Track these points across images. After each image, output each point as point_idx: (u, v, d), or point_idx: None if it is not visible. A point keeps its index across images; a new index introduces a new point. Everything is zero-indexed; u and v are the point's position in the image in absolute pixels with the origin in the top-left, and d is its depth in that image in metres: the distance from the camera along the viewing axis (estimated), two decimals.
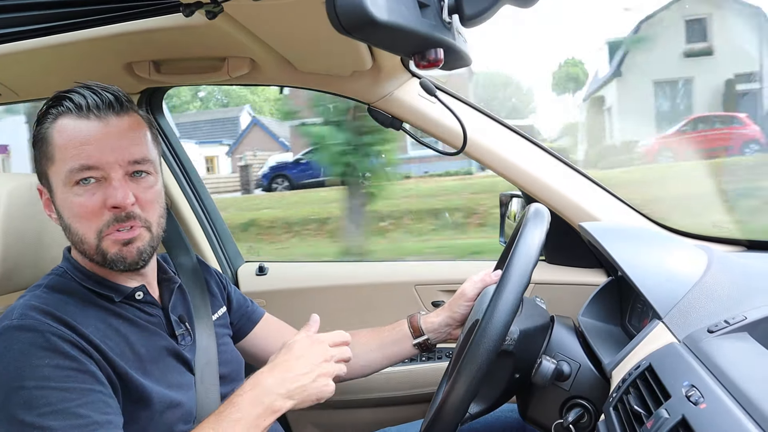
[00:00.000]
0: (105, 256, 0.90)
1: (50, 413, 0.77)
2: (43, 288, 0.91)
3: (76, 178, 0.88)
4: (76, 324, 0.85)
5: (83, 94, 0.90)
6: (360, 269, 1.73)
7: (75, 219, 0.89)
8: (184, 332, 1.00)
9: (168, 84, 1.32)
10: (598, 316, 1.16)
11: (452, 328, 1.20)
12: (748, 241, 1.33)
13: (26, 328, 0.83)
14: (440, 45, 0.70)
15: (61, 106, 0.90)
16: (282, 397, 0.88)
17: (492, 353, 0.83)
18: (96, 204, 0.88)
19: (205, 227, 1.69)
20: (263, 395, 0.87)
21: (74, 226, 0.90)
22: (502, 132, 1.40)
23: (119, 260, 0.90)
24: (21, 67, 1.20)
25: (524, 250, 0.89)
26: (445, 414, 0.86)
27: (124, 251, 0.90)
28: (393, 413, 1.56)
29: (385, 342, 1.23)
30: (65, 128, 0.89)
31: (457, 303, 1.18)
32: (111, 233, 0.89)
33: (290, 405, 0.89)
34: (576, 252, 1.45)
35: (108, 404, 0.82)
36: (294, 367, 0.91)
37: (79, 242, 0.90)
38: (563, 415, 0.96)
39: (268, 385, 0.88)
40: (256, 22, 1.00)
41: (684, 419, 0.62)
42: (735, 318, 0.76)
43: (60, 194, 0.90)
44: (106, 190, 0.88)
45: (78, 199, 0.88)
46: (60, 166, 0.88)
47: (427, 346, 1.21)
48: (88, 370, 0.83)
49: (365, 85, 1.31)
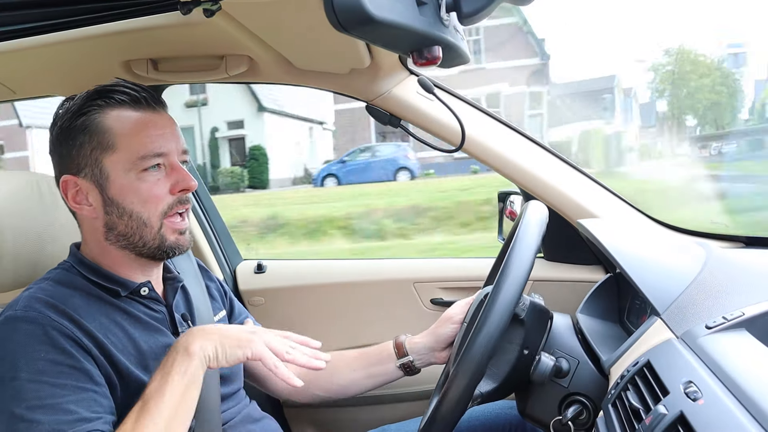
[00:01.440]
0: (163, 241, 0.94)
1: (39, 407, 0.78)
2: (49, 281, 0.92)
3: (146, 165, 0.92)
4: (79, 318, 0.86)
5: (133, 87, 0.94)
6: (359, 266, 1.73)
7: (141, 203, 0.92)
8: (186, 330, 1.00)
9: (166, 82, 1.32)
10: (597, 313, 1.16)
11: (436, 351, 1.16)
12: (746, 237, 1.33)
13: (28, 320, 0.83)
14: (438, 42, 0.70)
15: (110, 99, 0.93)
16: (195, 338, 0.85)
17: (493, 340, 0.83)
18: (164, 188, 0.93)
19: (203, 226, 1.69)
20: (176, 345, 0.86)
21: (138, 210, 0.92)
22: (501, 129, 1.40)
23: (176, 248, 0.96)
24: (18, 65, 1.19)
25: (523, 246, 0.89)
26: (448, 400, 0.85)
27: (181, 240, 0.96)
28: (393, 411, 1.56)
29: (370, 362, 1.20)
30: (126, 118, 0.93)
31: (443, 325, 1.16)
32: (172, 216, 0.95)
33: (206, 350, 0.84)
34: (574, 249, 1.45)
35: (99, 403, 0.82)
36: (234, 328, 0.92)
37: (141, 226, 0.93)
38: (562, 412, 0.96)
39: (182, 337, 0.87)
40: (254, 19, 1.00)
41: (682, 415, 0.63)
42: (733, 314, 0.76)
43: (121, 181, 0.92)
44: (173, 175, 0.94)
45: (145, 185, 0.92)
46: (125, 154, 0.91)
47: (411, 368, 1.17)
48: (83, 368, 0.83)
49: (363, 83, 1.31)
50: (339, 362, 1.20)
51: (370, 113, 1.37)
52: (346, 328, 1.66)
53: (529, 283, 1.47)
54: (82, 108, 0.93)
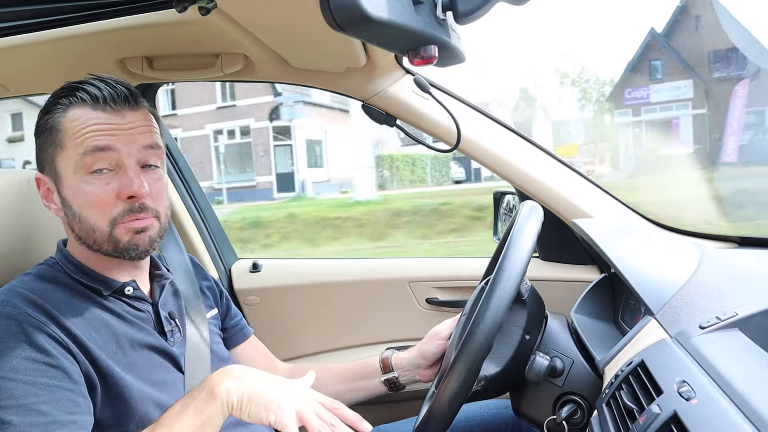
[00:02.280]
0: (117, 244, 0.90)
1: (12, 407, 0.76)
2: (31, 276, 0.91)
3: (89, 163, 0.87)
4: (58, 315, 0.84)
5: (98, 86, 0.90)
6: (354, 266, 1.73)
7: (87, 207, 0.89)
8: (173, 329, 0.99)
9: (161, 80, 1.32)
10: (591, 313, 1.16)
11: (422, 368, 1.14)
12: (740, 237, 1.33)
13: (4, 316, 0.81)
14: (434, 42, 0.70)
15: (73, 97, 0.90)
16: (225, 380, 0.79)
17: (489, 338, 0.82)
18: (110, 193, 0.88)
19: (198, 225, 1.69)
20: (204, 383, 0.80)
21: (85, 215, 0.89)
22: (496, 129, 1.41)
23: (132, 248, 0.91)
24: (12, 62, 1.19)
25: (518, 245, 0.89)
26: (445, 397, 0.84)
27: (137, 239, 0.91)
28: (389, 411, 1.56)
29: (356, 376, 1.18)
30: (79, 117, 0.89)
31: (430, 341, 1.14)
32: (124, 222, 0.89)
33: (234, 392, 0.79)
34: (569, 249, 1.45)
35: (76, 403, 0.80)
36: (273, 383, 0.81)
37: (90, 231, 0.90)
38: (556, 411, 0.96)
39: (213, 376, 0.81)
40: (250, 18, 1.00)
41: (676, 414, 0.63)
42: (726, 314, 0.77)
43: (70, 182, 0.89)
44: (120, 180, 0.89)
45: (91, 188, 0.88)
46: (71, 152, 0.88)
47: (395, 384, 1.15)
48: (60, 366, 0.81)
49: (359, 82, 1.31)
50: (325, 375, 1.18)
51: (366, 112, 1.37)
52: (341, 327, 1.66)
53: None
54: (50, 106, 0.92)
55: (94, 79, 0.92)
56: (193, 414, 0.79)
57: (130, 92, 0.93)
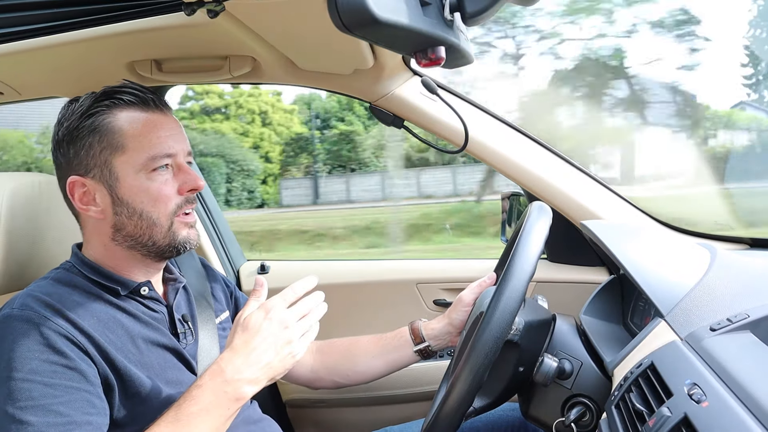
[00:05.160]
0: (175, 237, 0.96)
1: (31, 407, 0.78)
2: (48, 280, 0.92)
3: (155, 165, 0.93)
4: (75, 317, 0.86)
5: (140, 89, 0.96)
6: (362, 267, 1.73)
7: (151, 203, 0.93)
8: (186, 331, 1.01)
9: (170, 83, 1.32)
10: (600, 315, 1.16)
11: (452, 335, 1.19)
12: (751, 239, 1.32)
13: (23, 319, 0.83)
14: (442, 43, 0.70)
15: (117, 100, 0.94)
16: (246, 382, 0.84)
17: (498, 342, 0.83)
18: (173, 188, 0.95)
19: (207, 227, 1.70)
20: (225, 384, 0.83)
21: (147, 210, 0.93)
22: (504, 130, 1.40)
23: (187, 242, 0.97)
24: (24, 66, 1.20)
25: (526, 246, 0.89)
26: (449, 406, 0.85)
27: (191, 233, 0.98)
28: (395, 412, 1.56)
29: (387, 348, 1.22)
30: (136, 119, 0.94)
31: (456, 309, 1.18)
32: (180, 216, 0.96)
33: (257, 389, 0.86)
34: (578, 250, 1.44)
35: (92, 404, 0.82)
36: (256, 346, 0.85)
37: (151, 226, 0.94)
38: (565, 414, 0.95)
39: (230, 373, 0.83)
40: (258, 20, 1.00)
41: (686, 417, 0.62)
42: (737, 316, 0.76)
43: (131, 181, 0.93)
44: (181, 176, 0.96)
45: (155, 185, 0.93)
46: (135, 155, 0.92)
47: (428, 352, 1.20)
48: (77, 368, 0.82)
49: (367, 84, 1.31)
50: (357, 349, 1.24)
51: (374, 114, 1.37)
52: (349, 328, 1.66)
53: (532, 284, 1.47)
54: (90, 109, 0.93)
55: (130, 83, 0.97)
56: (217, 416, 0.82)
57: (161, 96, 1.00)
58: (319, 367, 1.25)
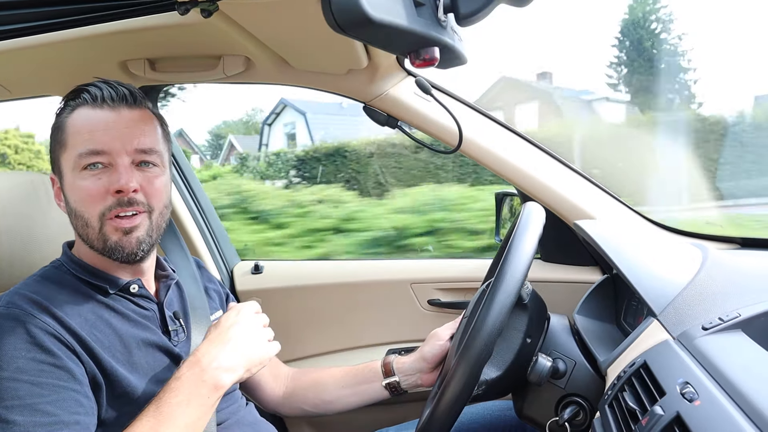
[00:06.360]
0: (105, 242, 0.91)
1: (17, 407, 0.76)
2: (36, 277, 0.92)
3: (84, 163, 0.91)
4: (63, 315, 0.85)
5: (100, 87, 0.94)
6: (356, 267, 1.73)
7: (80, 202, 0.91)
8: (178, 329, 1.00)
9: (163, 82, 1.32)
10: (594, 314, 1.16)
11: (423, 372, 1.15)
12: (742, 238, 1.33)
13: (9, 317, 0.82)
14: (436, 44, 0.70)
15: (78, 98, 0.94)
16: (224, 370, 0.86)
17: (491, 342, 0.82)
18: (101, 188, 0.90)
19: (201, 227, 1.69)
20: (203, 373, 0.84)
21: (79, 210, 0.92)
22: (498, 130, 1.41)
23: (118, 249, 0.92)
24: (15, 65, 1.19)
25: (520, 246, 0.89)
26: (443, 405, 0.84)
27: (124, 240, 0.92)
28: (390, 413, 1.56)
29: (357, 380, 1.20)
30: (79, 117, 0.93)
31: (430, 343, 1.15)
32: (112, 218, 0.91)
33: (236, 377, 0.87)
34: (571, 250, 1.45)
35: (80, 403, 0.81)
36: (231, 337, 0.89)
37: (84, 226, 0.92)
38: (559, 413, 0.96)
39: (207, 362, 0.85)
40: (252, 20, 1.00)
41: (679, 416, 0.63)
42: (729, 315, 0.77)
43: (68, 179, 0.92)
44: (111, 176, 0.91)
45: (84, 183, 0.91)
46: (70, 152, 0.92)
47: (397, 388, 1.17)
48: (64, 366, 0.81)
49: (361, 84, 1.31)
50: (327, 378, 1.21)
51: (368, 114, 1.37)
52: (343, 329, 1.66)
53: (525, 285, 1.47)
54: (60, 109, 0.96)
55: (99, 81, 0.96)
56: (197, 406, 0.83)
57: (131, 92, 0.96)
58: (290, 392, 1.23)
